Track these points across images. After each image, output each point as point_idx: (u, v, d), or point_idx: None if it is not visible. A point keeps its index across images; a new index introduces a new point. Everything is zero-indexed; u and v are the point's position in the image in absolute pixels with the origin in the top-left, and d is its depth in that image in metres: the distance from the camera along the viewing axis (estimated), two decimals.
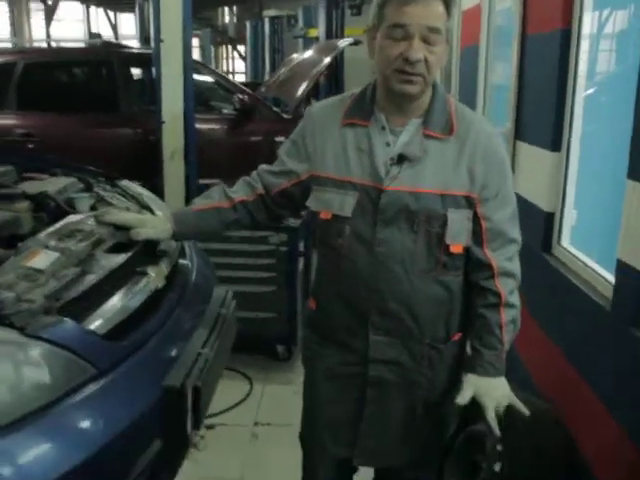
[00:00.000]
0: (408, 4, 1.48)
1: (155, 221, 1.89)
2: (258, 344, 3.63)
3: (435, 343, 1.69)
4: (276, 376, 3.54)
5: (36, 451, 1.25)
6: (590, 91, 2.62)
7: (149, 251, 1.88)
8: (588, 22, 2.55)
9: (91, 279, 1.58)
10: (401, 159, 1.58)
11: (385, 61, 1.54)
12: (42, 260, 1.57)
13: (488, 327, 1.66)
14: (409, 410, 1.73)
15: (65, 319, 1.39)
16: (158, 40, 4.69)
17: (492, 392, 1.67)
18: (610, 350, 2.11)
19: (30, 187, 2.26)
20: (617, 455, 2.05)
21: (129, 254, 1.77)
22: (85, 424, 1.34)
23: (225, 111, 5.98)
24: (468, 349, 1.76)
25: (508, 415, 1.72)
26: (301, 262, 3.66)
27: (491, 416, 1.66)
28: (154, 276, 1.75)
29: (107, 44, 7.01)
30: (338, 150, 1.64)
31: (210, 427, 3.04)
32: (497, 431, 1.67)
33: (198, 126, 4.97)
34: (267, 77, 11.33)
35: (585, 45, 2.56)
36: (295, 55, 7.68)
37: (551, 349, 2.60)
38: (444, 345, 1.70)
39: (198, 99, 5.18)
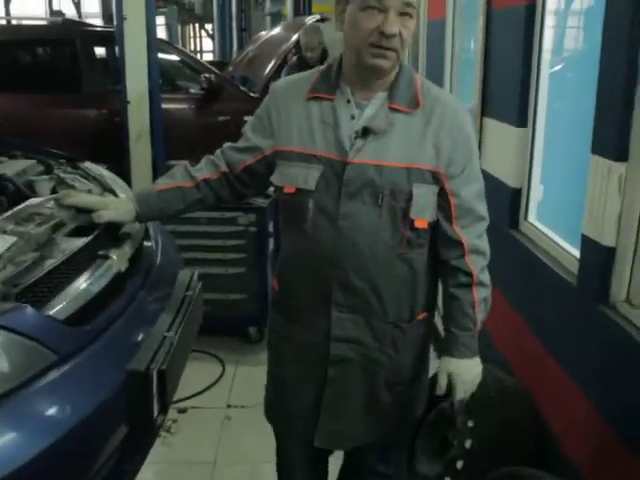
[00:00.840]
0: None
1: (118, 203, 1.86)
2: (229, 326, 3.61)
3: (399, 322, 1.68)
4: (248, 358, 3.53)
5: None
6: (557, 67, 2.62)
7: (112, 234, 1.84)
8: (553, 1, 2.54)
9: (50, 263, 1.55)
10: (366, 132, 1.56)
11: (359, 34, 1.51)
12: None
13: (461, 308, 1.66)
14: (371, 390, 1.72)
15: (24, 305, 1.35)
16: (121, 18, 4.61)
17: (466, 374, 1.68)
18: (576, 325, 2.14)
19: None
20: (585, 428, 2.08)
21: (90, 237, 1.73)
22: (47, 411, 1.31)
23: (192, 91, 5.90)
24: (441, 330, 1.76)
25: (477, 392, 1.73)
26: (271, 243, 3.64)
27: (458, 398, 1.68)
28: (117, 259, 1.71)
29: (69, 22, 6.85)
30: (303, 124, 1.62)
31: (183, 410, 3.03)
32: (461, 412, 1.69)
33: (164, 106, 4.90)
34: (235, 56, 11.19)
35: (551, 21, 2.56)
36: (263, 33, 7.61)
37: (519, 324, 2.63)
38: (408, 324, 1.69)
39: (164, 79, 5.11)
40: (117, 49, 4.77)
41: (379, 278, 1.62)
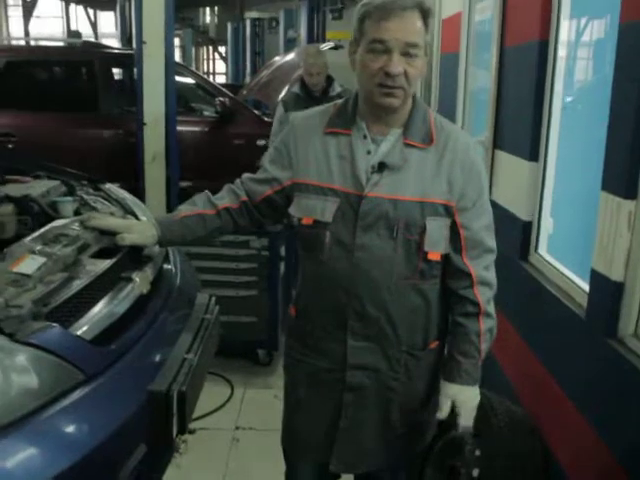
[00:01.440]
0: (387, 20, 1.52)
1: (141, 226, 1.91)
2: (239, 348, 3.65)
3: (412, 350, 1.73)
4: (257, 380, 3.56)
5: (24, 456, 1.26)
6: (568, 99, 2.67)
7: (134, 256, 1.89)
8: (565, 34, 2.60)
9: (77, 284, 1.60)
10: (382, 167, 1.62)
11: (367, 75, 1.58)
12: (29, 265, 1.58)
13: (466, 336, 1.71)
14: (385, 416, 1.76)
15: (54, 325, 1.40)
16: (140, 42, 4.70)
17: (469, 402, 1.72)
18: (585, 357, 2.17)
19: (13, 190, 2.26)
20: (592, 462, 2.10)
21: (114, 259, 1.78)
22: (73, 429, 1.35)
23: (206, 113, 5.99)
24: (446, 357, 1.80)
25: (486, 422, 1.77)
26: (282, 267, 3.69)
27: (464, 425, 1.72)
28: (139, 282, 1.76)
29: (88, 44, 6.98)
30: (320, 157, 1.68)
31: (191, 431, 3.05)
32: (470, 440, 1.73)
33: (179, 128, 4.98)
34: (248, 78, 11.33)
35: (562, 54, 2.62)
36: (277, 58, 7.72)
37: (528, 355, 2.65)
38: (421, 352, 1.74)
39: (179, 101, 5.19)
40: (135, 72, 4.86)
41: (393, 308, 1.67)
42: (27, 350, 1.33)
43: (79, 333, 1.46)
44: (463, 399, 1.71)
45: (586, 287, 2.24)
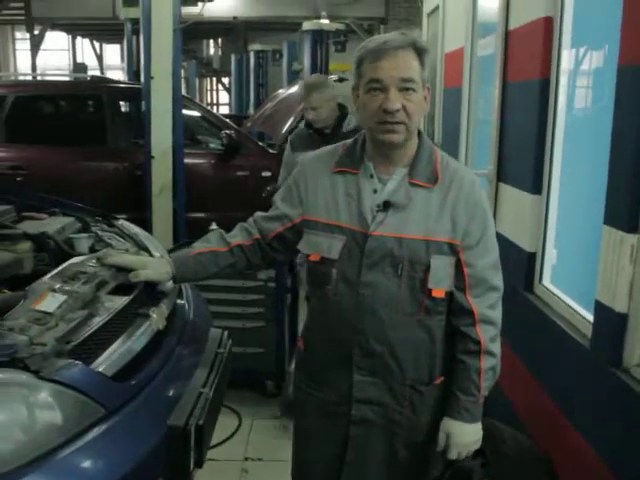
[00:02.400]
0: (380, 59, 1.60)
1: (155, 263, 1.96)
2: (246, 379, 3.67)
3: (417, 385, 1.75)
4: (264, 411, 3.57)
5: None
6: (568, 128, 2.73)
7: (149, 292, 1.94)
8: (565, 64, 2.67)
9: (97, 321, 1.65)
10: (387, 206, 1.67)
11: (368, 115, 1.65)
12: (50, 303, 1.63)
13: (467, 373, 1.73)
14: (391, 449, 1.79)
15: (76, 362, 1.45)
16: (148, 77, 4.79)
17: (463, 438, 1.75)
18: (590, 387, 2.20)
19: (30, 227, 2.32)
20: None
21: (131, 296, 1.83)
22: (94, 465, 1.39)
23: (212, 145, 6.08)
24: None
25: (494, 451, 1.80)
26: (289, 298, 3.73)
27: (450, 458, 1.76)
28: (156, 318, 1.82)
29: (96, 78, 7.11)
30: (328, 195, 1.74)
31: None
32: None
33: (186, 161, 5.05)
34: (251, 110, 11.47)
35: (564, 87, 2.68)
36: (281, 90, 7.83)
37: (534, 385, 2.68)
38: (426, 387, 1.77)
39: (185, 133, 5.27)
40: (143, 106, 4.95)
41: (398, 343, 1.70)
42: (51, 387, 1.38)
43: (100, 369, 1.51)
44: (456, 435, 1.74)
45: (590, 318, 2.27)
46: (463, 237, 1.68)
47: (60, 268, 1.89)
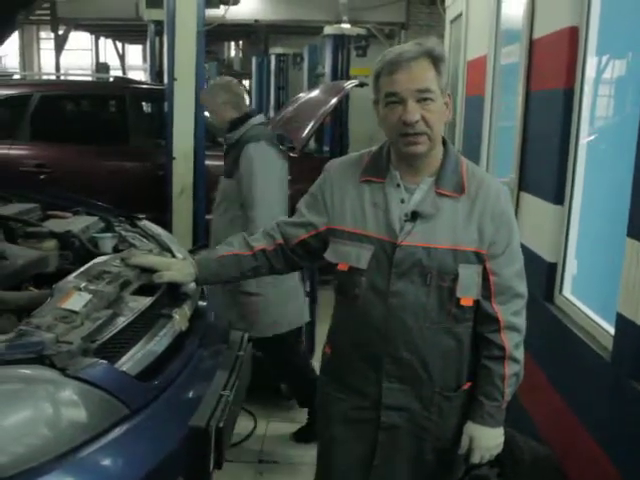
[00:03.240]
0: (396, 72, 1.61)
1: (179, 265, 1.97)
2: (262, 381, 3.68)
3: (445, 391, 1.77)
4: (279, 414, 3.59)
5: None
6: (592, 138, 2.72)
7: (172, 293, 1.97)
8: (589, 73, 2.66)
9: (121, 321, 1.67)
10: (415, 216, 1.68)
11: (389, 128, 1.67)
12: (76, 302, 1.65)
13: (491, 378, 1.75)
14: (418, 454, 1.80)
15: (102, 361, 1.47)
16: (171, 78, 4.82)
17: (486, 442, 1.77)
18: (610, 400, 2.19)
19: (55, 225, 2.36)
20: None
21: (155, 297, 1.85)
22: (117, 463, 1.42)
23: None
24: None
25: (511, 460, 1.80)
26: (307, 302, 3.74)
27: (473, 462, 1.77)
28: (178, 319, 1.84)
29: (119, 79, 7.18)
30: (355, 205, 1.74)
31: None
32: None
33: (206, 162, 5.08)
34: (271, 112, 11.50)
35: (588, 96, 2.67)
36: (302, 94, 7.84)
37: (553, 396, 2.67)
38: (454, 393, 1.78)
39: (206, 135, 5.30)
40: (166, 107, 4.98)
41: (427, 351, 1.72)
42: (77, 385, 1.40)
43: (125, 369, 1.53)
44: (480, 439, 1.76)
45: (611, 329, 2.26)
46: (489, 246, 1.69)
47: (85, 267, 1.92)
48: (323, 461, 1.93)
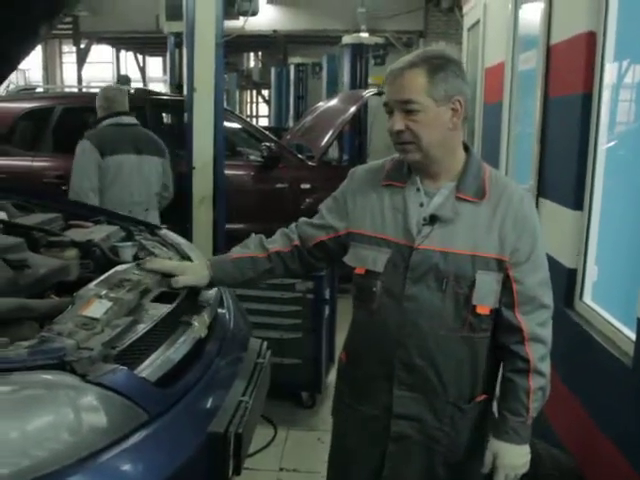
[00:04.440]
0: (390, 83, 1.65)
1: (194, 268, 2.01)
2: (282, 390, 3.68)
3: (459, 402, 1.73)
4: (300, 422, 3.59)
5: None
6: (610, 143, 2.70)
7: (192, 300, 1.99)
8: (608, 78, 2.65)
9: (141, 328, 1.69)
10: (433, 219, 1.67)
11: (390, 136, 1.70)
12: (97, 309, 1.68)
13: (515, 392, 1.71)
14: (429, 467, 1.77)
15: (122, 367, 1.49)
16: (191, 89, 4.87)
17: (510, 460, 1.71)
18: (631, 406, 2.17)
19: (77, 235, 2.39)
20: None
21: (174, 304, 1.87)
22: (136, 469, 1.42)
23: (252, 157, 6.15)
24: (495, 412, 1.80)
25: (533, 469, 1.77)
26: (327, 309, 3.75)
27: None
28: (198, 326, 1.85)
29: (140, 90, 7.25)
30: (375, 209, 1.75)
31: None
32: None
33: (226, 172, 5.11)
34: (291, 122, 11.57)
35: (606, 101, 2.66)
36: (321, 103, 7.89)
37: (574, 404, 2.65)
38: (467, 405, 1.75)
39: (226, 145, 5.34)
40: (186, 117, 5.04)
41: (440, 359, 1.69)
42: (98, 390, 1.41)
43: (144, 375, 1.54)
44: (504, 457, 1.71)
45: (632, 335, 2.24)
46: (512, 253, 1.66)
47: (106, 275, 1.94)
48: (334, 470, 1.93)
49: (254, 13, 5.61)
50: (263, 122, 17.51)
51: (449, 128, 1.66)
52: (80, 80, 14.64)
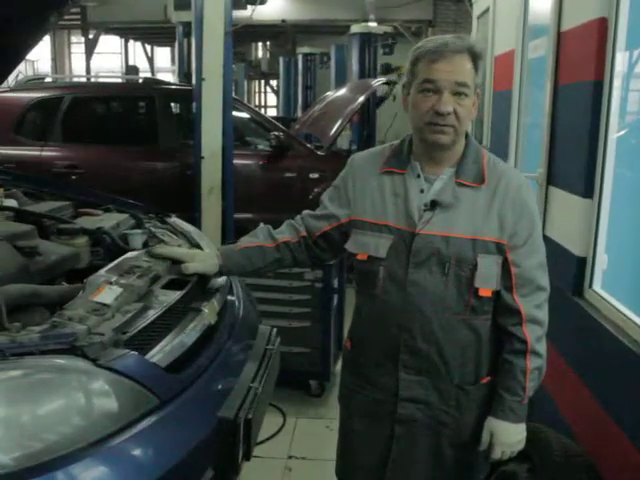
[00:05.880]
0: (437, 61, 1.62)
1: (203, 255, 2.02)
2: (291, 378, 3.69)
3: (463, 384, 1.76)
4: (309, 410, 3.61)
5: (101, 477, 1.35)
6: (621, 131, 2.68)
7: (202, 287, 1.99)
8: (619, 67, 2.63)
9: (152, 314, 1.70)
10: (434, 205, 1.69)
11: (418, 115, 1.67)
12: (107, 295, 1.69)
13: (512, 373, 1.73)
14: (436, 449, 1.79)
15: (132, 352, 1.50)
16: (199, 79, 4.88)
17: (507, 438, 1.75)
18: None
19: (87, 222, 2.40)
20: None
21: (184, 291, 1.88)
22: (147, 453, 1.44)
23: (260, 147, 6.15)
24: None
25: (542, 457, 1.78)
26: (335, 299, 3.75)
27: (493, 458, 1.76)
28: (207, 312, 1.86)
29: (149, 81, 7.27)
30: (376, 196, 1.76)
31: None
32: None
33: (235, 161, 5.12)
34: (299, 112, 11.54)
35: (617, 89, 2.64)
36: (329, 93, 7.86)
37: (583, 392, 2.65)
38: (472, 387, 1.77)
39: (234, 135, 5.35)
40: (194, 107, 5.04)
41: (444, 342, 1.71)
42: (109, 375, 1.43)
43: (155, 360, 1.55)
44: (500, 434, 1.74)
45: None
46: (510, 237, 1.69)
47: (116, 262, 1.95)
48: (343, 455, 1.94)
49: (262, 2, 5.62)
50: (271, 112, 17.49)
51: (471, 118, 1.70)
52: (89, 70, 14.65)
